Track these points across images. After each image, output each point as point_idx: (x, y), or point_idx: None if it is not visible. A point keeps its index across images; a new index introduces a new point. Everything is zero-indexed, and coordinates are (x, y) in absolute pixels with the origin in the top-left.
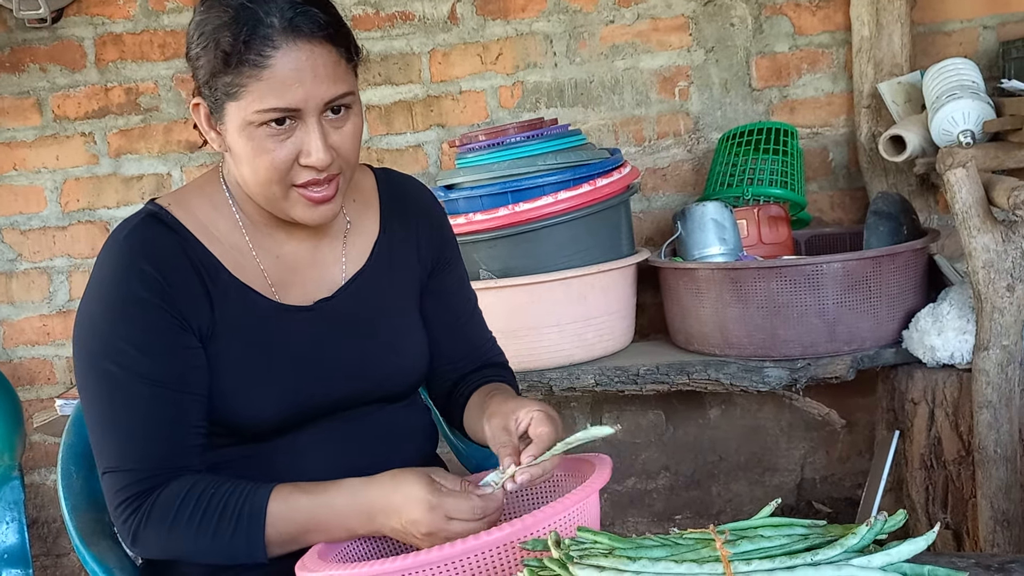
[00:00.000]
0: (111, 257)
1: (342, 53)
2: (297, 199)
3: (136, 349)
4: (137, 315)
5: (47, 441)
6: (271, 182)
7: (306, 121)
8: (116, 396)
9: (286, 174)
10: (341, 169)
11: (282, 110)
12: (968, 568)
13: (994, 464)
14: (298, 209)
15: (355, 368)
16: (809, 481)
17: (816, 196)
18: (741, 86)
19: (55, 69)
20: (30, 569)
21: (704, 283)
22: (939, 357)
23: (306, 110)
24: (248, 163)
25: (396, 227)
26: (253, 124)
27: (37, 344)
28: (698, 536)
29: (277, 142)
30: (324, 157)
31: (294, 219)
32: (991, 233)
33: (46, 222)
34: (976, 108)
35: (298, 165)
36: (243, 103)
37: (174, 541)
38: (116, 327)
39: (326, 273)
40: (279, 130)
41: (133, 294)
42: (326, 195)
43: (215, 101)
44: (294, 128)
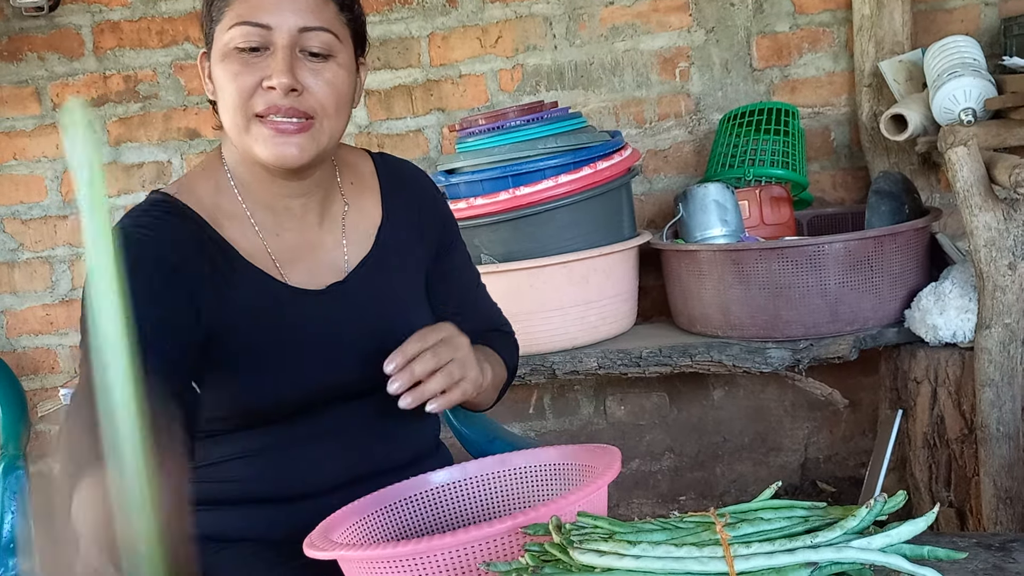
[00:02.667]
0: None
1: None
2: (259, 132)
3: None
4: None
5: (52, 431)
6: (236, 109)
7: (275, 46)
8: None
9: (249, 99)
10: (314, 112)
11: (253, 25)
12: (969, 548)
13: (997, 442)
14: (260, 143)
15: (368, 353)
16: (813, 461)
17: (818, 176)
18: (742, 66)
19: (53, 57)
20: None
21: (706, 265)
22: (941, 336)
23: (277, 32)
24: (221, 95)
25: (399, 212)
26: (228, 47)
27: (40, 333)
28: (698, 519)
29: (244, 66)
30: (285, 80)
31: (259, 158)
32: (993, 211)
33: (47, 211)
34: (977, 86)
35: (260, 90)
36: (224, 23)
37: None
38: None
39: (329, 256)
40: (251, 56)
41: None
42: (289, 128)
43: (208, 33)
44: (264, 56)
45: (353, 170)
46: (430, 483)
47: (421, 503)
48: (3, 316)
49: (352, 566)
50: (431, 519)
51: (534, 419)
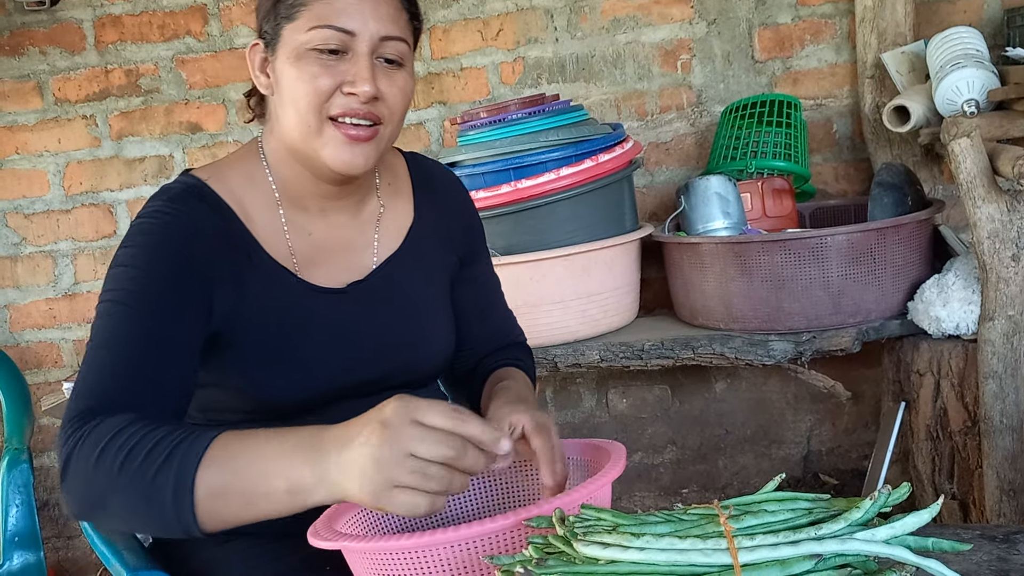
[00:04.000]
0: (148, 218)
1: (404, 5)
2: (332, 135)
3: (143, 286)
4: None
5: (55, 424)
6: (310, 110)
7: (357, 52)
8: (108, 328)
9: (326, 101)
10: (384, 119)
11: (337, 30)
12: (973, 540)
13: (1000, 434)
14: (331, 147)
15: (383, 352)
16: (815, 453)
17: (820, 168)
18: (744, 58)
19: (55, 52)
20: (40, 551)
21: (708, 257)
22: (944, 328)
23: (359, 38)
24: (291, 93)
25: (429, 214)
26: (304, 48)
27: (44, 328)
28: (702, 512)
29: (324, 68)
30: (368, 88)
31: (324, 162)
32: (996, 203)
33: (50, 205)
34: (980, 77)
35: (340, 94)
36: (300, 23)
37: (98, 476)
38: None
39: (356, 256)
40: (329, 59)
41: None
42: (361, 135)
43: (274, 28)
44: (344, 61)
45: (391, 171)
46: None
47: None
48: (6, 310)
49: (356, 557)
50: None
51: None
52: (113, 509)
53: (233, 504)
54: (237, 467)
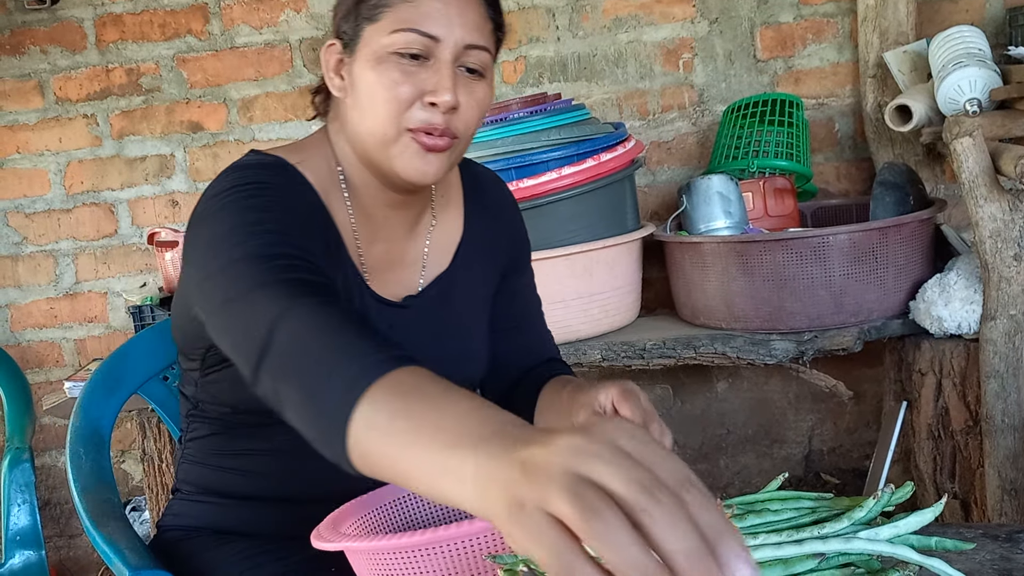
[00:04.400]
0: (243, 185)
1: (489, 12)
2: (407, 144)
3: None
4: (280, 216)
5: (57, 423)
6: (388, 118)
7: (440, 59)
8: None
9: (405, 111)
10: (459, 132)
11: (421, 35)
12: (976, 539)
13: (1002, 434)
14: (405, 157)
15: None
16: (817, 452)
17: (822, 167)
18: (745, 57)
19: (56, 51)
20: (42, 550)
21: (710, 257)
22: (946, 327)
23: (443, 45)
24: (368, 99)
25: (478, 229)
26: (386, 51)
27: (45, 327)
28: None
29: (405, 75)
30: (449, 98)
31: (397, 171)
32: (998, 202)
33: (51, 205)
34: (983, 76)
35: (419, 105)
36: (382, 24)
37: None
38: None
39: (408, 270)
40: (411, 64)
41: (278, 208)
42: (438, 144)
43: (354, 28)
44: (425, 68)
45: (444, 182)
46: None
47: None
48: (7, 310)
49: (359, 558)
50: (438, 514)
51: None
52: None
53: (384, 449)
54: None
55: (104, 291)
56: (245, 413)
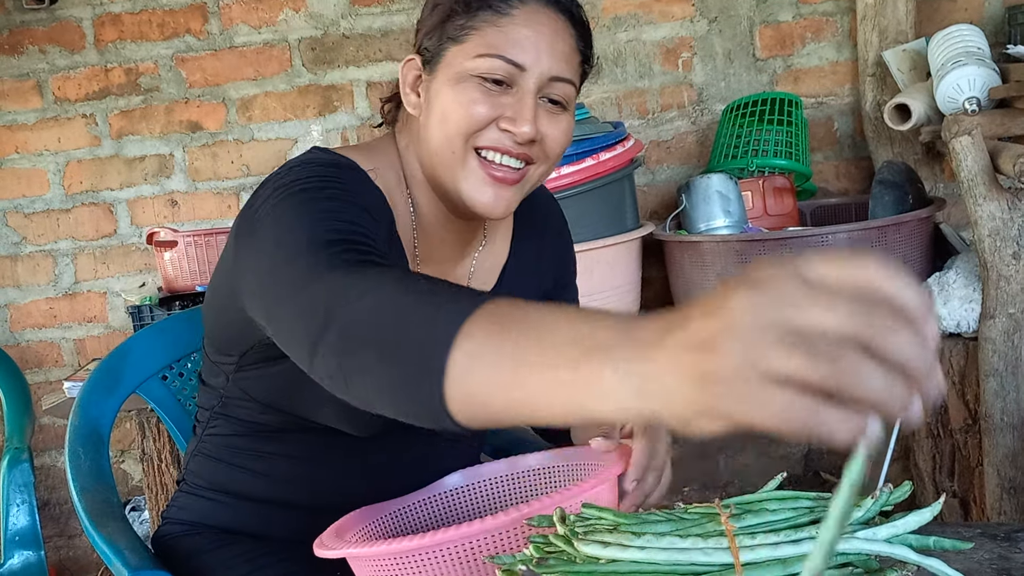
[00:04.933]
0: (318, 177)
1: (578, 44)
2: (474, 169)
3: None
4: (344, 189)
5: (56, 423)
6: (458, 135)
7: (523, 88)
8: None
9: (477, 130)
10: (538, 159)
11: (506, 62)
12: (975, 538)
13: (1001, 432)
14: (471, 181)
15: None
16: (816, 451)
17: (821, 166)
18: (745, 56)
19: (54, 50)
20: (42, 550)
21: (709, 256)
22: (945, 326)
23: (528, 74)
24: (441, 113)
25: (525, 251)
26: (468, 74)
27: (44, 327)
28: (703, 511)
29: (484, 96)
30: (528, 130)
31: (463, 196)
32: (997, 201)
33: (49, 205)
34: (982, 75)
35: (495, 127)
36: (467, 47)
37: (366, 313)
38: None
39: None
40: (491, 88)
41: (345, 181)
42: (508, 176)
43: (437, 46)
44: (507, 93)
45: None
46: (441, 487)
47: (431, 507)
48: (6, 310)
49: (361, 565)
50: (442, 522)
51: None
52: (369, 363)
53: (494, 383)
54: (511, 335)
55: (103, 291)
56: (273, 413)
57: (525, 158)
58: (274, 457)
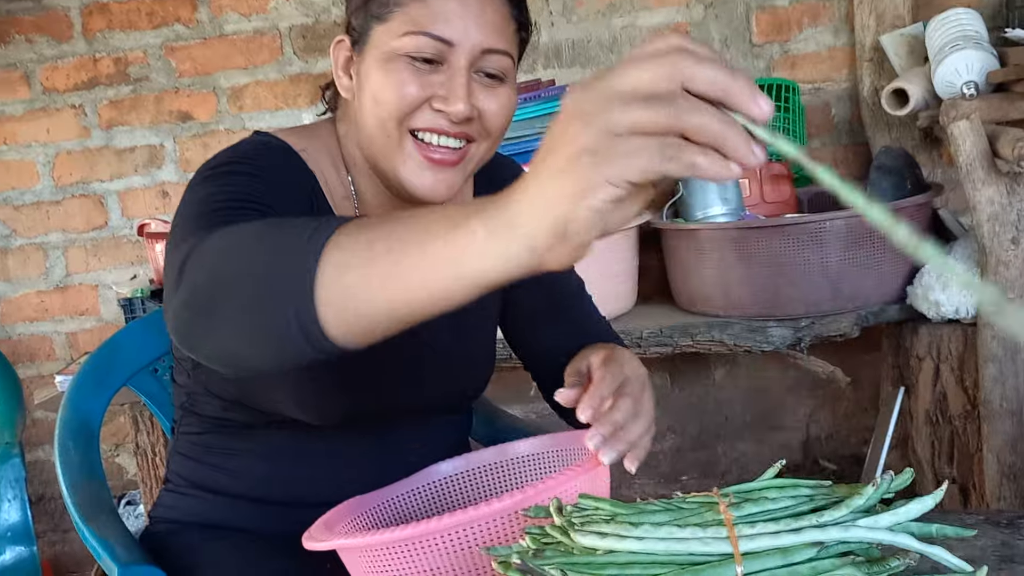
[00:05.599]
0: (245, 157)
1: (512, 11)
2: (411, 152)
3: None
4: (265, 175)
5: (49, 418)
6: (391, 118)
7: (454, 65)
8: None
9: (410, 112)
10: (478, 136)
11: (433, 38)
12: (977, 525)
13: (1000, 418)
14: (410, 167)
15: (430, 379)
16: (815, 439)
17: (818, 152)
18: (741, 42)
19: (42, 40)
20: (34, 546)
21: (706, 244)
22: (944, 312)
23: (458, 49)
24: (372, 96)
25: None
26: (395, 53)
27: (36, 321)
28: (702, 500)
29: (414, 76)
30: (462, 108)
31: (402, 182)
32: (996, 185)
33: (39, 197)
34: (980, 59)
35: (428, 108)
36: (392, 25)
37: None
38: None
39: None
40: (421, 67)
41: (267, 168)
42: (447, 159)
43: (363, 25)
44: (437, 71)
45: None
46: (431, 476)
47: (422, 496)
48: None
49: (352, 557)
50: (433, 511)
51: (535, 401)
52: (225, 308)
53: (367, 277)
54: (379, 231)
55: (95, 284)
56: (237, 409)
57: (464, 136)
58: (247, 454)
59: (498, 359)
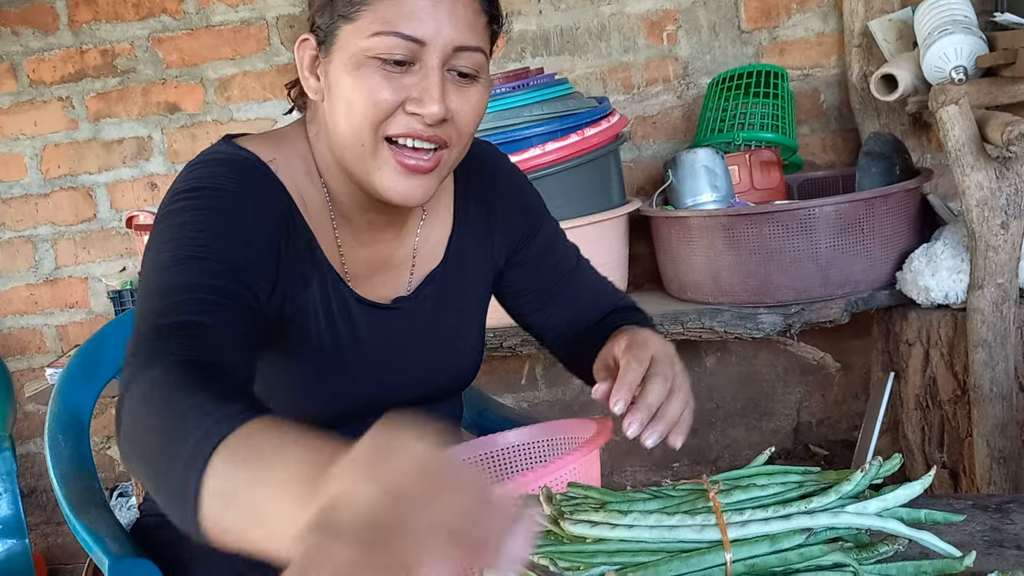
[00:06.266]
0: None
1: (484, 7)
2: (387, 159)
3: (212, 240)
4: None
5: (40, 411)
6: (365, 126)
7: (426, 65)
8: (172, 276)
9: (385, 118)
10: (450, 142)
11: (404, 38)
12: (966, 510)
13: (989, 402)
14: (385, 173)
15: (424, 370)
16: (805, 425)
17: (808, 139)
18: (730, 28)
19: (28, 32)
20: (26, 538)
21: (696, 231)
22: (933, 297)
23: (431, 48)
24: (345, 103)
25: (470, 214)
26: (365, 54)
27: (26, 314)
28: (691, 487)
29: (386, 81)
30: (438, 110)
31: (376, 189)
32: (985, 170)
33: (28, 190)
34: (969, 43)
35: (402, 112)
36: (361, 24)
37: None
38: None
39: (398, 270)
40: (393, 70)
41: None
42: (421, 165)
43: (329, 25)
44: (409, 72)
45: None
46: None
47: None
48: None
49: None
50: None
51: (526, 390)
52: (140, 465)
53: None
54: (243, 475)
55: (84, 276)
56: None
57: (437, 141)
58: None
59: (490, 348)
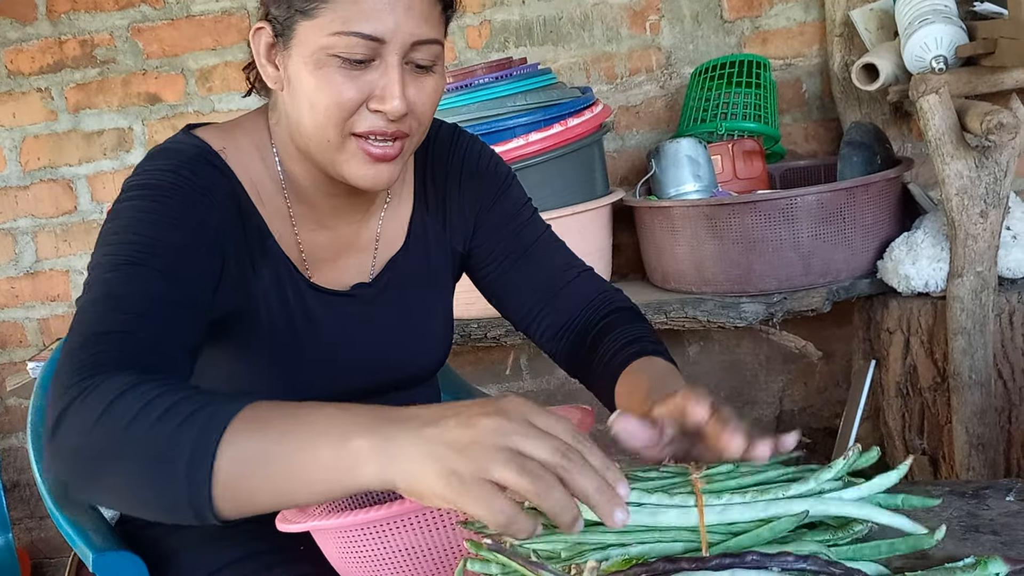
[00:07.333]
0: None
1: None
2: (354, 152)
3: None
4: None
5: (22, 404)
6: (329, 125)
7: (386, 61)
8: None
9: (349, 117)
10: (411, 130)
11: (366, 38)
12: (943, 496)
13: (969, 389)
14: (353, 165)
15: (386, 357)
16: (788, 413)
17: (790, 128)
18: (713, 18)
19: (5, 23)
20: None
21: (679, 221)
22: (914, 286)
23: (391, 45)
24: (307, 100)
25: (429, 194)
26: (325, 52)
27: (6, 307)
28: (673, 470)
29: (348, 80)
30: (399, 105)
31: (345, 178)
32: (964, 159)
33: (7, 182)
34: (949, 32)
35: (366, 110)
36: (320, 22)
37: (98, 437)
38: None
39: (360, 256)
40: (354, 68)
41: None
42: (387, 152)
43: (286, 19)
44: (370, 69)
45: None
46: None
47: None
48: None
49: (327, 539)
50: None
51: (511, 380)
52: (111, 480)
53: (259, 477)
54: (273, 432)
55: (66, 269)
56: None
57: (399, 135)
58: None
59: (474, 339)
